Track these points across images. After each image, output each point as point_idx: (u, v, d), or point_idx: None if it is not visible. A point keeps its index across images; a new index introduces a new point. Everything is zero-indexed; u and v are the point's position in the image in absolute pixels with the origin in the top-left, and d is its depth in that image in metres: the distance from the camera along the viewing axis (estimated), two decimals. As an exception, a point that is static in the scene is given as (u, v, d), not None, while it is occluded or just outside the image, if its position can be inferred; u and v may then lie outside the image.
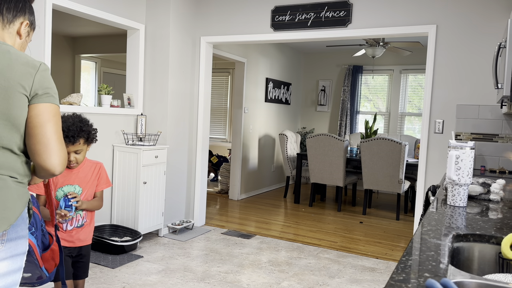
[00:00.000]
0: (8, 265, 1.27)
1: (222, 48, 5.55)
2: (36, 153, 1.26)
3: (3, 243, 1.25)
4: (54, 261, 1.53)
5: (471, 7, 3.47)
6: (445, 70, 3.58)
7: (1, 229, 1.23)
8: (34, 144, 1.26)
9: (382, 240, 4.53)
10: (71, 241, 2.14)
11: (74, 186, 2.10)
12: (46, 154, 1.25)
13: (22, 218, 1.31)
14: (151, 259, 3.63)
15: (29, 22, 1.40)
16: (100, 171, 2.21)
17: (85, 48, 7.50)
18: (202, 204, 4.82)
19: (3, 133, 1.24)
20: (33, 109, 1.26)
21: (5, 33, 1.34)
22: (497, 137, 3.40)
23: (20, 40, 1.39)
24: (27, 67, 1.26)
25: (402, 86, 7.22)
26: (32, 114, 1.26)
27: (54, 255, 1.52)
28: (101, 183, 2.22)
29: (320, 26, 4.01)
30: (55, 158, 1.26)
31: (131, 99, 4.30)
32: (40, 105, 1.27)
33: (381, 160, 5.38)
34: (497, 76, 2.12)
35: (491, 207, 1.80)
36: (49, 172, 1.27)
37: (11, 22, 1.34)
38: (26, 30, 1.40)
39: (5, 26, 1.34)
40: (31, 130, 1.26)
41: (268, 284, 3.23)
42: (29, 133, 1.26)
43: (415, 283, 0.91)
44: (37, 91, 1.26)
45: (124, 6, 4.06)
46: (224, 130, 8.36)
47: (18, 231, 1.29)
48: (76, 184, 2.12)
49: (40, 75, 1.27)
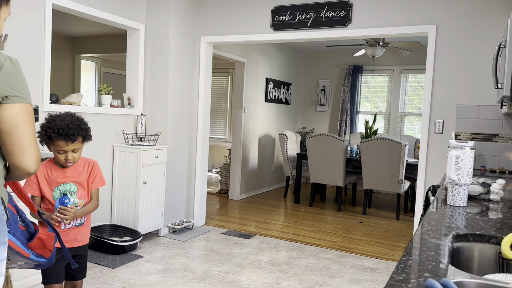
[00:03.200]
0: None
1: (222, 48, 5.55)
2: (12, 154, 1.25)
3: None
4: (48, 248, 1.50)
5: (471, 7, 3.47)
6: (445, 70, 3.58)
7: None
8: (11, 145, 1.24)
9: (382, 240, 4.53)
10: (67, 241, 2.10)
11: (70, 185, 2.09)
12: (23, 155, 1.25)
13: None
14: (151, 259, 3.63)
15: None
16: (93, 169, 2.18)
17: (85, 48, 7.50)
18: (202, 204, 4.82)
19: None
20: (6, 109, 1.22)
21: None
22: (497, 137, 3.40)
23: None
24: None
25: (402, 86, 7.22)
26: (6, 114, 1.22)
27: (45, 242, 1.49)
28: (96, 181, 2.19)
29: (320, 26, 4.01)
30: (32, 158, 1.26)
31: (131, 99, 4.30)
32: (14, 106, 1.23)
33: (381, 160, 5.38)
34: (497, 76, 2.12)
35: (491, 207, 1.80)
36: (25, 172, 1.27)
37: None
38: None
39: None
40: (8, 131, 1.23)
41: (268, 284, 3.23)
42: (5, 133, 1.23)
43: (415, 283, 0.91)
44: (6, 92, 1.21)
45: (124, 6, 4.06)
46: (224, 130, 8.36)
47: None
48: (71, 182, 2.10)
49: (5, 72, 1.21)
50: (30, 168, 1.27)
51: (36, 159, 1.28)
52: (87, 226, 2.22)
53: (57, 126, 1.94)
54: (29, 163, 1.26)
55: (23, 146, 1.25)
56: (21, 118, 1.24)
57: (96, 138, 3.87)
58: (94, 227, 3.81)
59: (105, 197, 4.00)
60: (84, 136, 2.06)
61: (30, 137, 1.26)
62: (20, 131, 1.24)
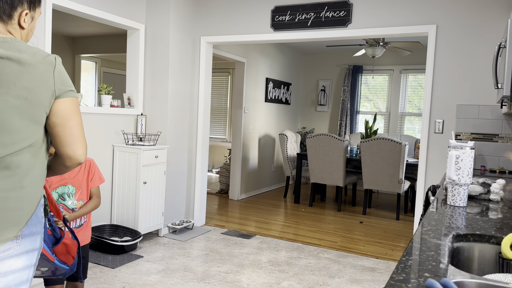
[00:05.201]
0: (23, 261, 1.29)
1: (222, 48, 5.55)
2: (66, 144, 1.32)
3: (18, 240, 1.27)
4: (71, 255, 1.54)
5: (471, 7, 3.47)
6: (445, 70, 3.58)
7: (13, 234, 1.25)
8: (65, 136, 1.32)
9: (382, 240, 4.53)
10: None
11: (68, 187, 2.06)
12: (76, 145, 1.33)
13: (36, 215, 1.33)
14: (151, 259, 3.63)
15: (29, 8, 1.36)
16: (91, 167, 2.17)
17: (85, 48, 7.50)
18: (202, 204, 4.82)
19: (27, 133, 1.26)
20: (61, 103, 1.31)
21: (10, 29, 1.33)
22: (497, 137, 3.40)
23: (24, 30, 1.37)
24: (44, 64, 1.27)
25: (402, 86, 7.22)
26: (60, 108, 1.30)
27: (69, 248, 1.53)
28: (95, 180, 2.18)
29: (320, 26, 4.01)
30: (83, 149, 1.36)
31: (131, 99, 4.30)
32: (66, 99, 1.32)
33: (381, 160, 5.38)
34: (497, 76, 2.12)
35: (491, 207, 1.80)
36: (77, 161, 1.36)
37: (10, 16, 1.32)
38: (29, 17, 1.37)
39: (6, 23, 1.32)
40: (62, 123, 1.31)
41: (268, 284, 3.23)
42: (59, 125, 1.31)
43: (415, 283, 0.91)
44: (60, 87, 1.30)
45: (124, 6, 4.06)
46: (224, 130, 8.36)
47: (31, 228, 1.31)
48: (69, 184, 2.08)
49: (58, 70, 1.30)
50: (81, 158, 1.36)
51: (86, 149, 1.37)
52: (88, 226, 2.21)
53: None
54: (80, 153, 1.35)
55: (75, 136, 1.33)
56: (73, 110, 1.33)
57: (96, 138, 3.87)
58: (94, 227, 3.81)
59: (105, 197, 4.00)
60: None
61: (80, 128, 1.35)
62: (72, 122, 1.33)
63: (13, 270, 1.27)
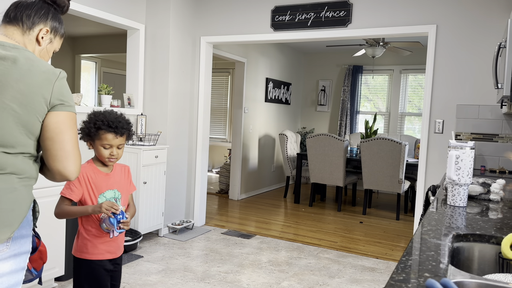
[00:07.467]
0: (12, 264, 1.29)
1: (222, 48, 5.55)
2: (56, 159, 1.29)
3: (8, 244, 1.28)
4: (42, 260, 1.53)
5: (471, 7, 3.47)
6: (445, 70, 3.58)
7: (5, 236, 1.25)
8: (55, 150, 1.28)
9: (382, 240, 4.53)
10: (114, 252, 1.97)
11: (114, 191, 1.98)
12: (66, 161, 1.29)
13: (27, 219, 1.33)
14: (151, 259, 3.63)
15: (50, 29, 1.39)
16: (129, 173, 2.10)
17: (85, 48, 7.50)
18: (202, 204, 4.82)
19: (20, 139, 1.26)
20: (54, 116, 1.28)
21: (25, 39, 1.35)
22: (497, 137, 3.40)
23: (40, 47, 1.39)
24: (47, 74, 1.27)
25: (402, 86, 7.22)
26: (52, 121, 1.28)
27: (42, 255, 1.53)
28: (132, 186, 2.11)
29: (320, 26, 4.01)
30: (75, 165, 1.31)
31: (131, 99, 4.30)
32: (61, 113, 1.29)
33: (381, 160, 5.38)
34: (497, 76, 2.12)
35: (491, 207, 1.80)
36: (66, 178, 1.31)
37: (30, 28, 1.35)
38: (48, 37, 1.40)
39: (25, 32, 1.35)
40: (52, 136, 1.28)
41: (268, 284, 3.23)
42: (49, 139, 1.28)
43: (415, 283, 0.91)
44: (57, 99, 1.28)
45: (124, 6, 4.06)
46: (224, 130, 8.36)
47: (21, 231, 1.31)
48: (115, 188, 1.98)
49: (59, 82, 1.29)
50: (72, 175, 1.31)
51: (78, 166, 1.32)
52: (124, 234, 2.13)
53: (107, 118, 1.87)
54: (71, 169, 1.30)
55: (66, 151, 1.29)
56: (66, 125, 1.30)
57: (96, 138, 3.86)
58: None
59: (105, 197, 4.00)
60: (129, 132, 1.98)
61: (73, 144, 1.31)
62: (64, 136, 1.29)
63: (2, 273, 1.27)
